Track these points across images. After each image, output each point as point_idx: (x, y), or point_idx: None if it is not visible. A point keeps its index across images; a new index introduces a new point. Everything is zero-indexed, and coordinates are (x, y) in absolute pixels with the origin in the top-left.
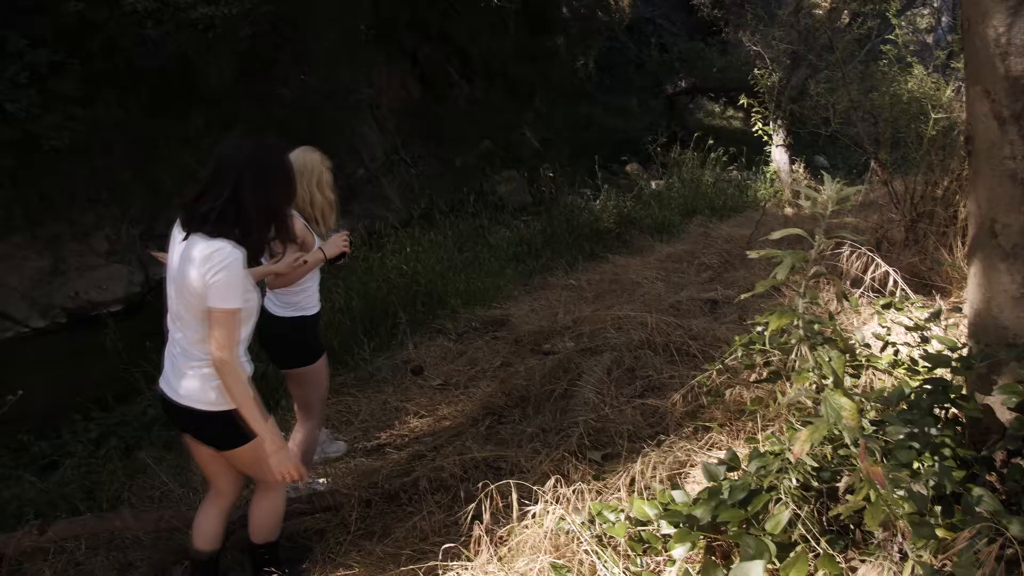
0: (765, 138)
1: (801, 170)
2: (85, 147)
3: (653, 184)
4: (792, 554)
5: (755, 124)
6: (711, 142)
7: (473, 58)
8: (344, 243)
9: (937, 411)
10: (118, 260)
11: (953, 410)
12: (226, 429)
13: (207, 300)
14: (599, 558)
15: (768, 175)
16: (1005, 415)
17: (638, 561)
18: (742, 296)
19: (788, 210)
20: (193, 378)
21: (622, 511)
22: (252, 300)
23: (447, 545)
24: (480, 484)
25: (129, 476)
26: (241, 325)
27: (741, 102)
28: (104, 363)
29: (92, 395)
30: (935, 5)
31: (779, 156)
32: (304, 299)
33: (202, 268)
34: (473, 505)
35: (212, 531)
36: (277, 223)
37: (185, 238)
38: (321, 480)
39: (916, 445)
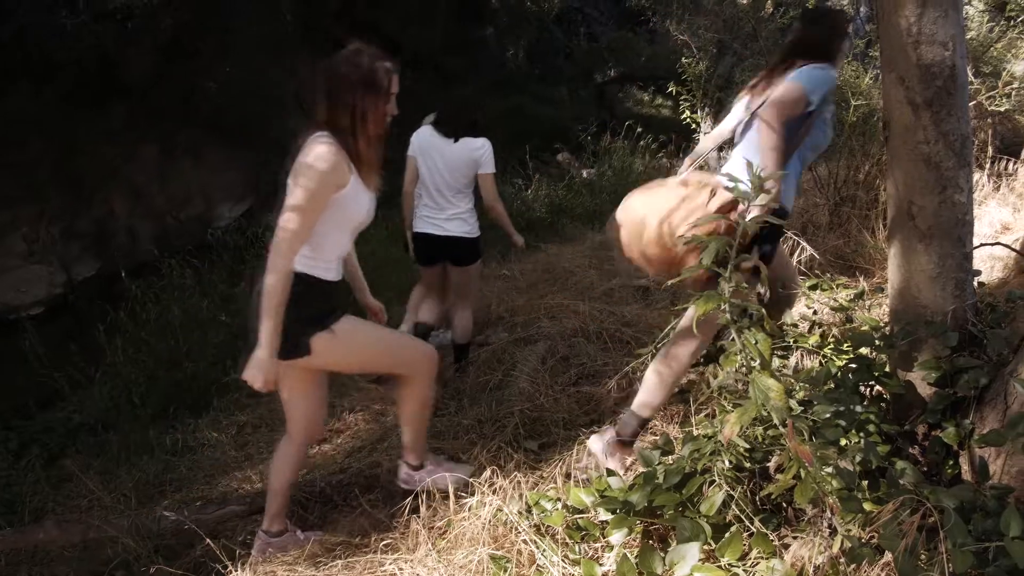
0: (693, 126)
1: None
2: None
3: (584, 173)
4: (727, 534)
5: (683, 112)
6: (640, 130)
7: (402, 48)
8: None
9: (862, 389)
10: (37, 261)
11: (877, 387)
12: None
13: (481, 169)
14: (538, 547)
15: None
16: (925, 390)
17: (577, 548)
18: (669, 282)
19: None
20: (459, 221)
21: (559, 499)
22: None
23: (385, 540)
24: None
25: (53, 486)
26: None
27: (669, 90)
28: (24, 368)
29: (11, 403)
30: None
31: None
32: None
33: (479, 154)
34: (410, 499)
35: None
36: None
37: (455, 141)
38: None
39: (842, 423)
